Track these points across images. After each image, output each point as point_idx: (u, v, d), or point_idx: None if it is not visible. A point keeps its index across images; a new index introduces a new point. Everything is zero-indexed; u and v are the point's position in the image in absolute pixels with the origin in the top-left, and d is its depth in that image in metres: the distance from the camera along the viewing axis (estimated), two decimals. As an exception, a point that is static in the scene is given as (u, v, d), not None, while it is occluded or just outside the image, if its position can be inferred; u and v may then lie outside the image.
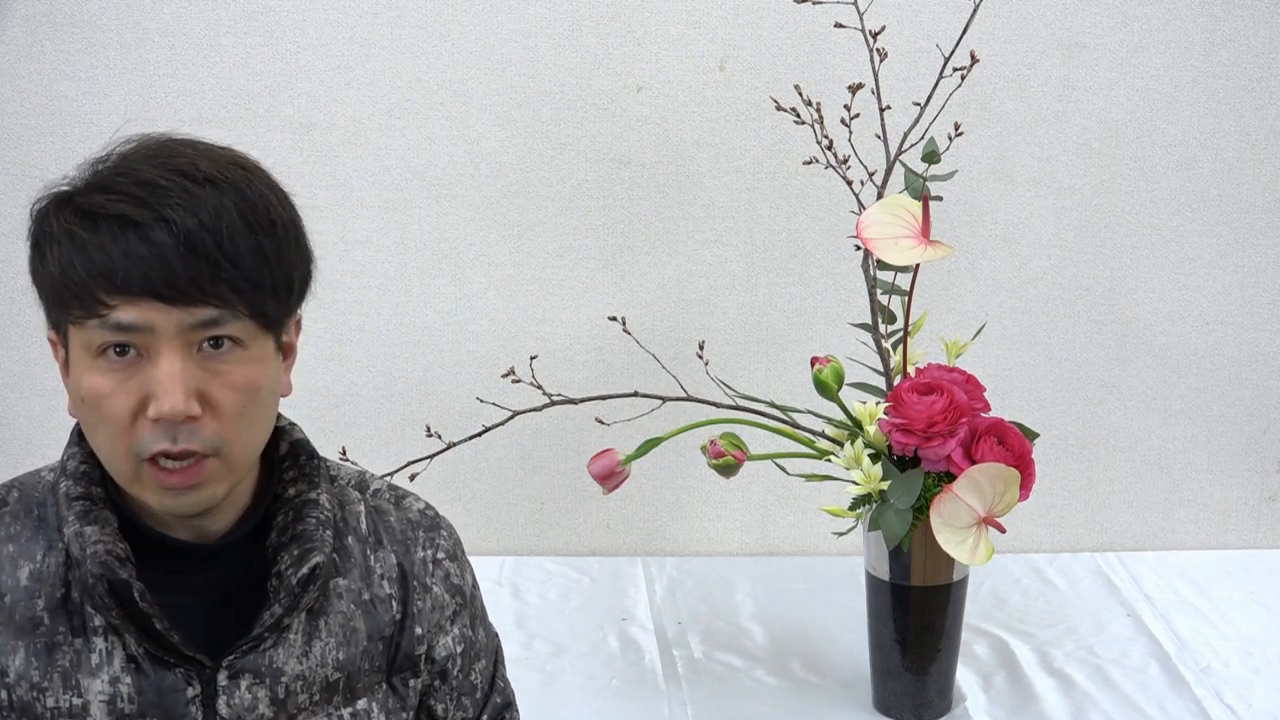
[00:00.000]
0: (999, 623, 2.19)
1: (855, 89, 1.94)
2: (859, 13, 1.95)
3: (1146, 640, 2.14)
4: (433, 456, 1.96)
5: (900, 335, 1.91)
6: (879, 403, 1.87)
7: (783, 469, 1.91)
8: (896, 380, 1.90)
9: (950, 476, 1.78)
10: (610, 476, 1.87)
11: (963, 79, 1.96)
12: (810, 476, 1.90)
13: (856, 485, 1.80)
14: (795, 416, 1.92)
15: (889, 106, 1.95)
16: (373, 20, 2.20)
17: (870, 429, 1.85)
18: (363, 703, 1.29)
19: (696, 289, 2.32)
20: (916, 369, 1.86)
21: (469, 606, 1.38)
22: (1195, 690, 2.02)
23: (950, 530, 1.74)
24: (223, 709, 1.22)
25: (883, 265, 1.90)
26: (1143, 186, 2.32)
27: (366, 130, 2.23)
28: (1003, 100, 2.28)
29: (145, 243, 1.12)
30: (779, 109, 2.01)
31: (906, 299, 1.86)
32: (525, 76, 2.23)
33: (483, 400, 2.00)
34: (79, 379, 1.17)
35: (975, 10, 1.96)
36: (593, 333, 2.30)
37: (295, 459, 1.29)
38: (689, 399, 1.95)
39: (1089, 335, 2.37)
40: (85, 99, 2.19)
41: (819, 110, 1.98)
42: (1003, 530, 1.76)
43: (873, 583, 1.92)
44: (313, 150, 2.22)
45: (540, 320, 2.31)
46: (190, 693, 1.21)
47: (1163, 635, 2.16)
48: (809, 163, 1.99)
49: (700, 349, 2.02)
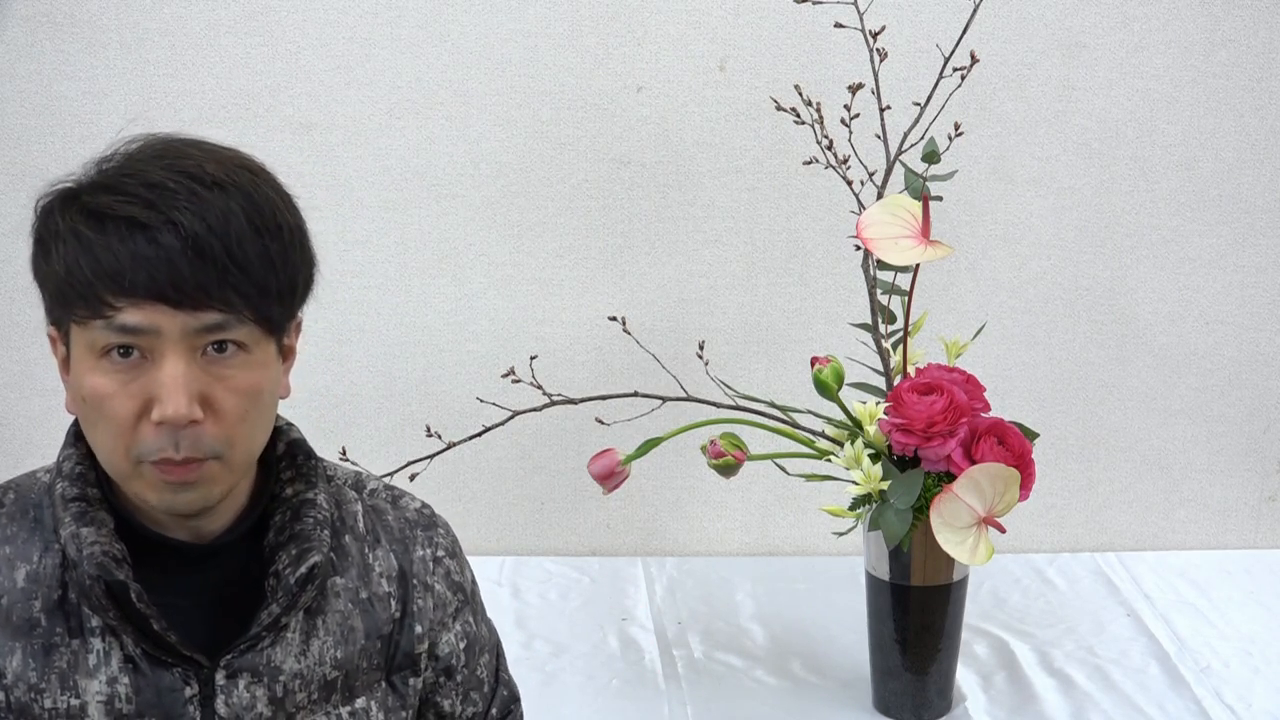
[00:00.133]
0: (999, 623, 2.18)
1: (855, 89, 1.94)
2: (859, 13, 1.95)
3: (1146, 640, 2.14)
4: (433, 456, 1.96)
5: (900, 335, 1.91)
6: (879, 403, 1.87)
7: (783, 469, 1.90)
8: (896, 380, 1.90)
9: (950, 476, 1.78)
10: (610, 476, 1.87)
11: (963, 79, 1.95)
12: (810, 476, 1.89)
13: (856, 485, 1.80)
14: (795, 416, 1.91)
15: (889, 106, 1.95)
16: (373, 20, 2.20)
17: (870, 429, 1.84)
18: (361, 701, 1.29)
19: (696, 289, 2.32)
20: (916, 369, 1.86)
21: (470, 602, 1.38)
22: (1195, 690, 2.02)
23: (950, 530, 1.74)
24: (221, 708, 1.22)
25: (883, 265, 1.90)
26: (1143, 186, 2.32)
27: (366, 130, 2.23)
28: (1003, 100, 2.27)
29: (152, 245, 1.12)
30: (779, 109, 2.01)
31: (906, 299, 1.86)
32: (525, 76, 2.23)
33: (483, 400, 1.99)
34: (80, 378, 1.17)
35: (975, 10, 1.96)
36: (593, 333, 2.30)
37: (292, 459, 1.29)
38: (689, 399, 1.95)
39: (1089, 335, 2.37)
40: (85, 99, 2.19)
41: (819, 110, 1.97)
42: (1003, 530, 1.76)
43: (873, 583, 1.92)
44: (313, 150, 2.22)
45: (540, 320, 2.31)
46: (188, 692, 1.21)
47: (1163, 635, 2.15)
48: (809, 163, 1.99)
49: (700, 349, 2.01)
